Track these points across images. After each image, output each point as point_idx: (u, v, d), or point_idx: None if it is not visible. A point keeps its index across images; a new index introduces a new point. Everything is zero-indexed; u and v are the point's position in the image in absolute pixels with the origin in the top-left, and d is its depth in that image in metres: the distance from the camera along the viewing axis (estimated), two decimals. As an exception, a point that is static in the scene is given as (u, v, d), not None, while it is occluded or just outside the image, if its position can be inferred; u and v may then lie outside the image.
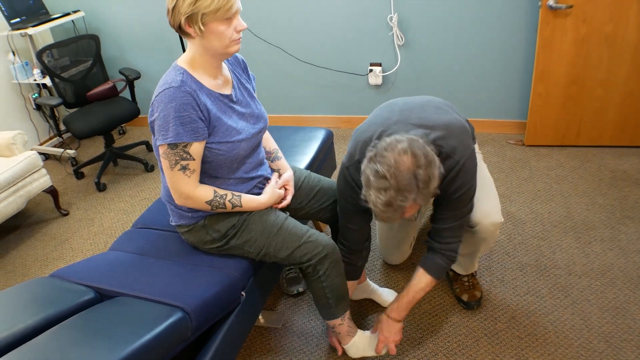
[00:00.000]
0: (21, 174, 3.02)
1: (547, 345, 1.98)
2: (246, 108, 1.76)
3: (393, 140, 1.50)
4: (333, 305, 1.85)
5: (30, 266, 2.88)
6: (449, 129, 1.64)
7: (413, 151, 1.46)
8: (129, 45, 4.14)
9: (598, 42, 2.89)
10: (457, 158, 1.62)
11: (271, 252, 1.77)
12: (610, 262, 2.32)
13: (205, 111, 1.59)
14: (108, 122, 3.45)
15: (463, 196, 1.68)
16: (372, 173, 1.48)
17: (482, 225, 1.87)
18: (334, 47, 3.64)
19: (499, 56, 3.31)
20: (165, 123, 1.54)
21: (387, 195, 1.46)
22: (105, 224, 3.16)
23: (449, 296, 2.26)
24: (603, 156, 3.12)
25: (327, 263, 1.76)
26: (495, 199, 1.92)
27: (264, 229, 1.76)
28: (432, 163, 1.48)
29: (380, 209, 1.49)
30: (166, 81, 1.57)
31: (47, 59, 3.52)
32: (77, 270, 1.82)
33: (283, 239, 1.75)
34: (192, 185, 1.64)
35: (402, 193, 1.45)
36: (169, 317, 1.47)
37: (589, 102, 3.09)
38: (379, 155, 1.48)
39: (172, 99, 1.53)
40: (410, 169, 1.44)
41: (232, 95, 1.71)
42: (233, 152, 1.68)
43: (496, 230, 1.91)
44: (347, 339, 1.97)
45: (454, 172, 1.63)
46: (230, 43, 1.57)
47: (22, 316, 1.53)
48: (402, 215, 1.52)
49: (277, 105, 4.04)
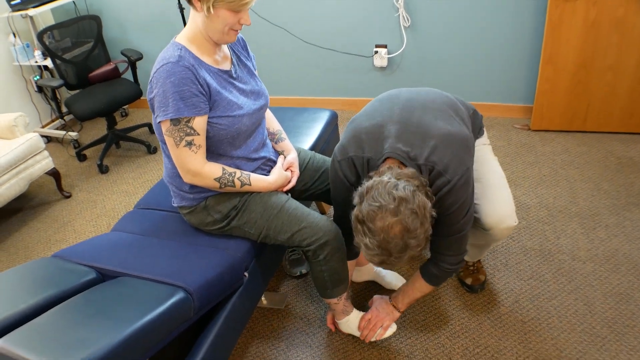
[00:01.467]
0: (23, 156, 3.01)
1: (550, 329, 1.97)
2: (246, 84, 1.74)
3: (380, 203, 1.40)
4: (330, 287, 1.85)
5: (32, 248, 2.87)
6: (446, 140, 1.56)
7: (403, 222, 1.39)
8: (130, 26, 4.10)
9: (608, 26, 2.85)
10: (449, 177, 1.54)
11: (271, 235, 1.76)
12: (614, 248, 2.31)
13: (205, 85, 1.57)
14: (110, 103, 3.43)
15: (455, 213, 1.61)
16: (362, 243, 1.45)
17: (497, 230, 1.84)
18: (339, 28, 3.59)
19: (506, 39, 3.27)
20: (165, 99, 1.52)
21: (381, 259, 1.45)
22: (108, 206, 3.15)
23: (452, 279, 2.25)
24: (610, 142, 3.09)
25: (327, 249, 1.75)
26: (510, 201, 1.85)
27: (264, 210, 1.75)
28: (423, 223, 1.41)
29: (375, 261, 1.48)
30: (164, 57, 1.56)
31: (48, 40, 3.49)
32: (79, 250, 1.81)
33: (283, 222, 1.74)
34: (199, 161, 1.62)
35: (397, 257, 1.44)
36: (171, 297, 1.46)
37: (597, 88, 3.05)
38: (368, 222, 1.42)
39: (170, 74, 1.52)
40: (400, 239, 1.40)
41: (231, 71, 1.70)
42: (234, 126, 1.66)
43: (510, 232, 1.87)
44: (342, 316, 1.98)
45: (444, 191, 1.56)
46: (229, 31, 1.57)
47: (25, 296, 1.52)
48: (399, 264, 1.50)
49: (281, 87, 4.01)
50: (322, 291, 1.88)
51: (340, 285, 1.86)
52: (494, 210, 1.82)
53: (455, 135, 1.59)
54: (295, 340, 2.07)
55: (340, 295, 1.89)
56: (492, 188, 1.85)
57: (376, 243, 1.41)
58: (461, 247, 1.73)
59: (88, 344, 1.25)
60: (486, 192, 1.85)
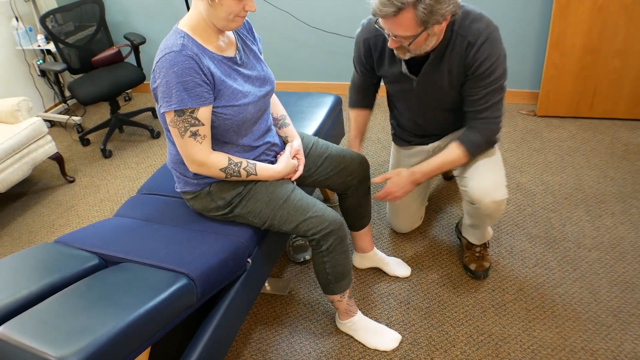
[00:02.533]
0: (26, 140, 3.00)
1: (555, 317, 1.96)
2: (252, 70, 1.71)
3: None
4: (332, 282, 1.83)
5: (36, 233, 2.88)
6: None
7: None
8: (133, 10, 4.06)
9: (616, 11, 2.80)
10: (486, 24, 1.66)
11: (275, 224, 1.74)
12: (620, 236, 2.29)
13: (209, 75, 1.54)
14: (113, 87, 3.41)
15: (493, 65, 1.68)
16: None
17: (483, 204, 1.85)
18: (343, 12, 3.55)
19: (512, 24, 3.22)
20: (168, 89, 1.50)
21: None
22: (111, 190, 3.15)
23: (457, 266, 2.24)
24: (616, 129, 3.06)
25: (331, 239, 1.73)
26: (499, 175, 1.87)
27: (269, 200, 1.73)
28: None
29: (380, 6, 1.51)
30: (167, 45, 1.53)
31: (51, 24, 3.46)
32: (82, 236, 1.81)
33: (288, 212, 1.72)
34: (205, 151, 1.61)
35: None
36: (174, 283, 1.46)
37: (604, 73, 3.01)
38: None
39: (173, 64, 1.48)
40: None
41: (236, 58, 1.66)
42: (239, 115, 1.63)
43: (500, 206, 1.87)
44: (345, 317, 1.97)
45: (483, 37, 1.65)
46: (234, 18, 1.54)
47: (27, 282, 1.52)
48: (393, 15, 1.51)
49: (285, 72, 3.98)
50: (325, 287, 1.86)
51: (343, 280, 1.84)
52: (479, 183, 1.85)
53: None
54: (298, 326, 2.06)
55: (343, 291, 1.87)
56: (482, 165, 1.89)
57: None
58: (500, 111, 1.78)
59: (90, 330, 1.25)
60: (476, 168, 1.89)
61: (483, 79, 1.71)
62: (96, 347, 1.21)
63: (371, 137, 3.27)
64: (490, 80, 1.71)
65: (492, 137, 1.82)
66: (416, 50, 1.65)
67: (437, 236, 2.42)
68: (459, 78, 1.77)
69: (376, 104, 3.69)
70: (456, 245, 2.35)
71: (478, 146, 1.83)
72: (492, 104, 1.76)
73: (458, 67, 1.74)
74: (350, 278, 1.87)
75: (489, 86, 1.72)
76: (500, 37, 1.69)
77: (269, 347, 2.00)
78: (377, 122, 3.45)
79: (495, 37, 1.67)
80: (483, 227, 2.06)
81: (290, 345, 2.00)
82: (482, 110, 1.77)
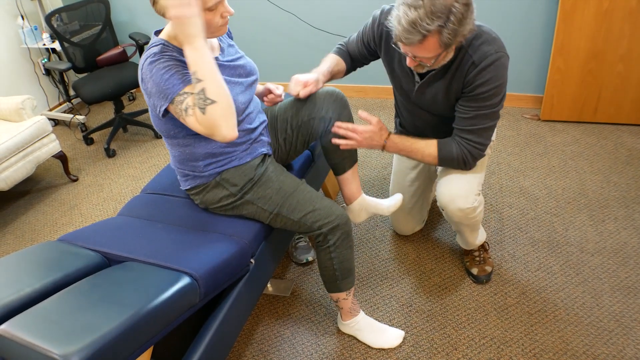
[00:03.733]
0: (30, 139, 3.01)
1: (557, 322, 1.96)
2: (236, 65, 1.75)
3: None
4: (340, 278, 1.83)
5: (39, 231, 2.88)
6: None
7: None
8: (139, 9, 4.07)
9: (621, 16, 2.80)
10: (496, 48, 1.63)
11: (284, 213, 1.75)
12: (623, 241, 2.28)
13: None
14: (118, 87, 3.41)
15: (490, 91, 1.66)
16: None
17: (448, 210, 1.87)
18: (348, 14, 3.56)
19: (517, 28, 3.22)
20: (159, 84, 1.50)
21: (415, 14, 1.44)
22: (115, 189, 3.15)
23: (459, 269, 2.24)
24: (620, 134, 3.05)
25: (338, 233, 1.74)
26: (472, 183, 1.85)
27: (280, 188, 1.75)
28: (469, 8, 1.47)
29: (403, 26, 1.48)
30: (145, 54, 1.57)
31: (56, 23, 3.47)
32: (85, 234, 1.81)
33: (298, 201, 1.74)
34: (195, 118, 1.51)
35: (431, 17, 1.43)
36: (177, 282, 1.46)
37: (608, 78, 3.01)
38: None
39: (153, 60, 1.52)
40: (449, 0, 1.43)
41: (218, 58, 1.70)
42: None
43: (468, 215, 1.86)
44: (348, 316, 1.96)
45: (487, 61, 1.62)
46: (218, 28, 1.55)
47: (30, 280, 1.52)
48: (418, 43, 1.49)
49: (290, 73, 3.95)
50: (332, 284, 1.85)
51: (350, 276, 1.85)
52: (448, 189, 1.85)
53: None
54: (300, 327, 2.07)
55: (350, 288, 1.87)
56: (456, 171, 1.87)
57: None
58: (484, 139, 1.75)
59: (93, 329, 1.25)
60: (449, 172, 1.89)
61: (477, 101, 1.69)
62: (99, 345, 1.21)
63: (374, 140, 3.27)
64: (484, 105, 1.69)
65: (468, 159, 1.78)
66: (434, 67, 1.65)
67: (440, 239, 2.42)
68: (456, 93, 1.75)
69: (379, 106, 3.69)
70: (458, 248, 2.35)
71: (450, 159, 1.80)
72: (480, 128, 1.73)
73: (457, 83, 1.72)
74: (355, 276, 1.88)
75: (481, 110, 1.70)
76: (507, 64, 1.66)
77: (270, 348, 2.00)
78: (380, 124, 3.45)
79: (501, 63, 1.64)
80: (463, 234, 2.08)
81: (292, 346, 2.00)
82: (467, 132, 1.75)
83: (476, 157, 1.79)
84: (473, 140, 1.76)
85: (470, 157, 1.78)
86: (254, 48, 3.90)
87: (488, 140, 1.77)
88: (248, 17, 3.78)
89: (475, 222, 1.94)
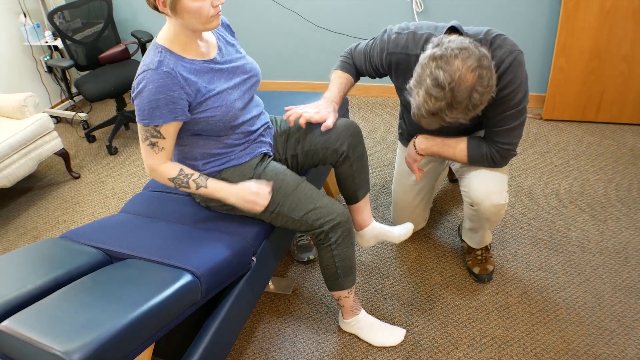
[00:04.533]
0: (32, 136, 3.01)
1: (558, 321, 1.96)
2: (234, 64, 1.75)
3: (464, 47, 1.43)
4: (341, 276, 1.83)
5: (41, 228, 2.89)
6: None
7: (480, 72, 1.41)
8: (141, 7, 4.07)
9: (624, 15, 2.80)
10: (510, 48, 1.61)
11: (285, 212, 1.75)
12: (625, 241, 2.28)
13: (190, 85, 1.59)
14: (120, 85, 3.42)
15: (512, 92, 1.65)
16: (430, 77, 1.42)
17: (482, 206, 1.85)
18: (351, 12, 3.55)
19: (520, 27, 3.22)
20: (141, 104, 1.56)
21: (436, 105, 1.43)
22: (117, 187, 3.16)
23: (460, 268, 2.24)
24: (622, 134, 3.05)
25: (339, 231, 1.74)
26: (502, 180, 1.86)
27: (280, 187, 1.75)
28: (490, 90, 1.45)
29: (422, 113, 1.47)
30: (145, 63, 1.57)
31: (58, 20, 3.47)
32: (87, 231, 1.81)
33: (299, 199, 1.74)
34: (158, 160, 1.66)
35: (452, 108, 1.42)
36: (179, 280, 1.46)
37: (611, 78, 3.00)
38: (445, 60, 1.41)
39: (149, 82, 1.53)
40: (469, 89, 1.41)
41: (216, 58, 1.69)
42: (229, 114, 1.68)
43: (499, 211, 1.87)
44: (350, 314, 1.95)
45: (505, 65, 1.61)
46: (209, 19, 1.55)
47: (32, 277, 1.52)
48: (436, 125, 1.50)
49: (291, 71, 3.99)
50: (333, 282, 1.85)
51: (351, 274, 1.85)
52: (481, 185, 1.84)
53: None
54: (301, 325, 2.07)
55: (351, 286, 1.87)
56: (485, 171, 1.88)
57: (448, 79, 1.40)
58: (515, 138, 1.75)
59: (95, 326, 1.25)
60: (479, 170, 1.88)
61: (500, 104, 1.68)
62: (101, 342, 1.21)
63: (376, 138, 3.27)
64: (509, 106, 1.68)
65: (497, 159, 1.80)
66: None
67: (441, 238, 2.42)
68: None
69: (381, 104, 3.69)
70: (460, 247, 2.35)
71: (480, 158, 1.82)
72: (507, 129, 1.73)
73: None
74: (356, 274, 1.88)
75: (506, 111, 1.69)
76: (523, 60, 1.65)
77: (271, 346, 2.00)
78: (382, 122, 3.45)
79: (518, 62, 1.63)
80: (482, 231, 2.06)
81: (293, 344, 2.00)
82: (495, 134, 1.76)
83: (506, 157, 1.81)
84: (501, 141, 1.77)
85: (499, 157, 1.80)
86: (256, 46, 3.90)
87: (517, 139, 1.77)
88: (250, 14, 3.78)
89: (500, 219, 1.95)
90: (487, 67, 1.44)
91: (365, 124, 3.46)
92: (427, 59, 1.46)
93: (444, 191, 2.73)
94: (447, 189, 2.75)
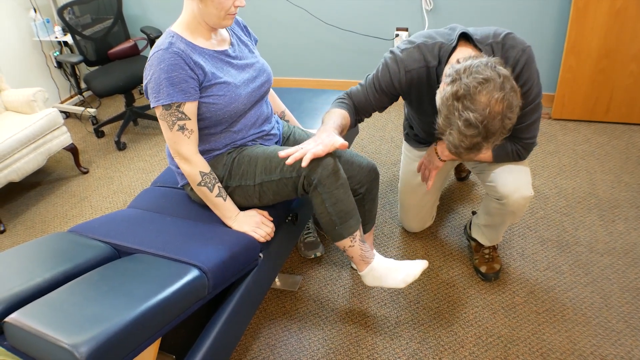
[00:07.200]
0: (41, 131, 3.03)
1: (565, 322, 1.95)
2: (245, 63, 1.76)
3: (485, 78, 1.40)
4: (337, 223, 1.69)
5: (49, 223, 2.91)
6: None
7: (507, 99, 1.41)
8: (150, 3, 4.08)
9: (635, 14, 2.77)
10: (521, 46, 1.64)
11: (264, 178, 1.72)
12: (633, 242, 2.27)
13: (198, 69, 1.61)
14: (129, 80, 3.43)
15: (528, 89, 1.67)
16: (461, 120, 1.41)
17: (511, 199, 1.84)
18: (360, 10, 3.55)
19: (529, 26, 3.20)
20: (157, 85, 1.57)
21: (472, 141, 1.43)
22: (125, 182, 3.17)
23: (467, 267, 2.23)
24: (632, 134, 3.03)
25: (319, 170, 1.62)
26: (526, 173, 1.88)
27: (250, 159, 1.76)
28: (518, 107, 1.46)
29: (460, 151, 1.48)
30: (156, 45, 1.61)
31: (68, 16, 3.49)
32: (95, 226, 1.82)
33: (270, 160, 1.72)
34: (192, 147, 1.67)
35: (488, 139, 1.43)
36: (186, 275, 1.47)
37: (621, 78, 2.98)
38: (470, 98, 1.40)
39: (160, 60, 1.56)
40: (500, 119, 1.41)
41: (228, 51, 1.72)
42: (231, 105, 1.68)
43: (526, 204, 1.88)
44: (362, 265, 1.78)
45: (520, 64, 1.65)
46: (226, 16, 1.60)
47: (40, 270, 1.53)
48: (477, 154, 1.51)
49: (299, 68, 3.98)
50: (332, 231, 1.72)
51: (348, 220, 1.70)
52: (509, 179, 1.85)
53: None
54: (307, 322, 2.07)
55: (352, 233, 1.72)
56: (510, 163, 1.90)
57: (479, 119, 1.39)
58: (533, 127, 1.77)
59: (102, 320, 1.26)
60: (505, 165, 1.90)
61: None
62: (108, 335, 1.22)
63: (384, 136, 3.27)
64: (525, 103, 1.69)
65: (522, 152, 1.84)
66: None
67: (448, 236, 2.41)
68: None
69: (390, 103, 3.68)
70: (467, 245, 2.34)
71: (505, 154, 1.85)
72: (527, 125, 1.75)
73: None
74: (357, 218, 1.74)
75: (524, 108, 1.70)
76: (533, 55, 1.67)
77: (277, 342, 2.00)
78: (390, 120, 3.45)
79: (529, 58, 1.65)
80: (501, 227, 2.05)
81: (299, 340, 2.00)
82: (517, 130, 1.77)
83: (528, 150, 1.84)
84: (524, 136, 1.80)
85: (523, 151, 1.84)
86: (264, 43, 3.90)
87: (537, 130, 1.81)
88: (259, 12, 3.78)
89: (523, 213, 1.96)
90: (510, 90, 1.42)
91: (373, 121, 3.46)
92: (450, 99, 1.44)
93: (451, 190, 2.73)
94: (454, 188, 2.74)
